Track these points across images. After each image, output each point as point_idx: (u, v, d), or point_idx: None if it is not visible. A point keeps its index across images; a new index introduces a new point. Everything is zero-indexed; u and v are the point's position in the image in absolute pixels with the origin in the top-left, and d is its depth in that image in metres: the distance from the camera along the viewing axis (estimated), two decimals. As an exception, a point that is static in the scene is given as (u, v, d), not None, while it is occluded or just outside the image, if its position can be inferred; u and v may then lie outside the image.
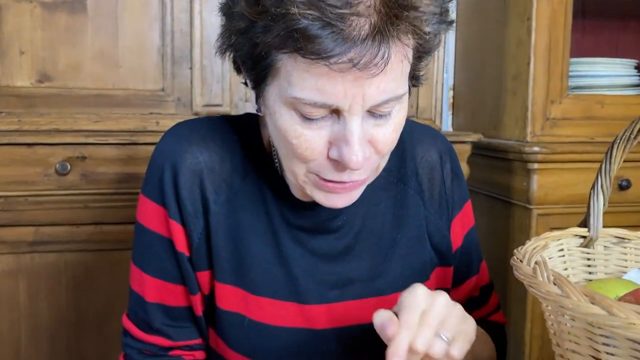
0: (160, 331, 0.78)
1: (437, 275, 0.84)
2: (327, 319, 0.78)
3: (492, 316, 0.92)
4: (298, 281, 0.77)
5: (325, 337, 0.77)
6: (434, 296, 0.63)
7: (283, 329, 0.77)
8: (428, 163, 0.84)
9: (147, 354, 0.79)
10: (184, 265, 0.77)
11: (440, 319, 0.62)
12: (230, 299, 0.77)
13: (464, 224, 0.86)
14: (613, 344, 0.52)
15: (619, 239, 0.75)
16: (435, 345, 0.60)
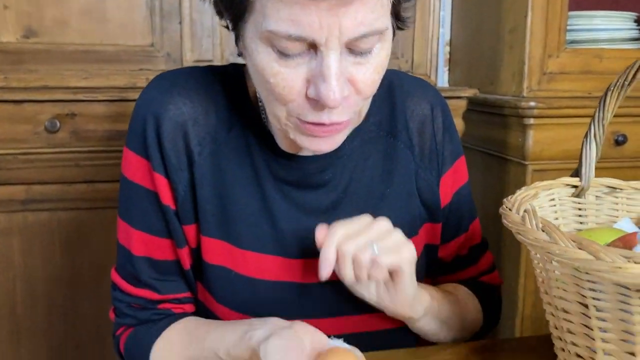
0: (148, 285, 0.78)
1: (426, 231, 0.84)
2: (313, 274, 0.77)
3: (483, 277, 0.91)
4: (284, 235, 0.76)
5: (310, 291, 0.77)
6: (376, 219, 0.69)
7: (268, 282, 0.76)
8: (419, 116, 0.83)
9: (135, 307, 0.78)
10: (170, 219, 0.76)
11: (375, 234, 0.67)
12: (217, 252, 0.76)
13: (454, 181, 0.85)
14: (600, 289, 0.51)
15: (610, 189, 0.74)
16: (364, 252, 0.66)
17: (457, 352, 0.80)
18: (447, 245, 0.87)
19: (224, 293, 0.78)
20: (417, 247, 0.82)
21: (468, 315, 0.84)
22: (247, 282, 0.76)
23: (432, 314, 0.78)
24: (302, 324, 0.66)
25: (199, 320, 0.77)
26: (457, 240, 0.87)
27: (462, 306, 0.83)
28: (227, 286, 0.77)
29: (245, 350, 0.65)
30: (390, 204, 0.79)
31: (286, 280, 0.77)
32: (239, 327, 0.68)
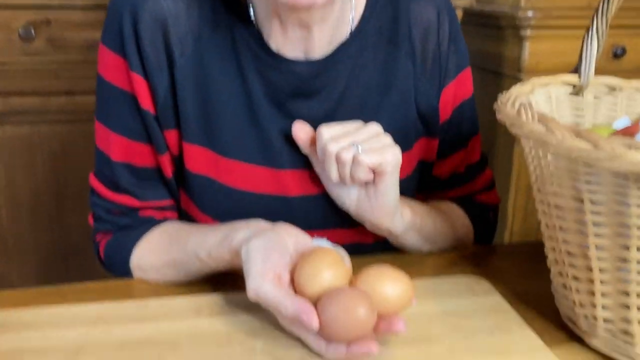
0: (128, 191, 0.75)
1: (421, 146, 0.80)
2: (300, 185, 0.74)
3: (479, 195, 0.88)
4: (272, 145, 0.73)
5: (297, 205, 0.75)
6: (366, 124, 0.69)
7: (254, 194, 0.73)
8: (423, 23, 0.77)
9: (115, 213, 0.76)
10: (150, 124, 0.72)
11: (362, 136, 0.67)
12: (200, 161, 0.73)
13: (456, 94, 0.81)
14: (596, 182, 0.49)
15: (610, 89, 0.70)
16: (347, 151, 0.66)
17: (445, 257, 0.79)
18: (444, 162, 0.83)
19: (207, 203, 0.75)
20: (410, 163, 0.79)
21: (456, 234, 0.82)
22: (231, 194, 0.73)
23: (415, 230, 0.76)
24: (285, 226, 0.63)
25: (180, 224, 0.75)
26: (454, 157, 0.83)
27: (450, 225, 0.81)
28: (211, 197, 0.74)
29: (227, 251, 0.63)
30: (386, 115, 0.75)
31: (272, 193, 0.74)
32: (221, 229, 0.66)
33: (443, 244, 0.80)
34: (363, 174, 0.66)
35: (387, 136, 0.68)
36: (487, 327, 0.61)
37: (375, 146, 0.66)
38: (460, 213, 0.84)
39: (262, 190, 0.74)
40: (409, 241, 0.76)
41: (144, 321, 0.61)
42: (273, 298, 0.54)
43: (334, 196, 0.73)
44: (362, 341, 0.53)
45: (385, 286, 0.55)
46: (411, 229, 0.75)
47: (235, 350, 0.56)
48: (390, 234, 0.74)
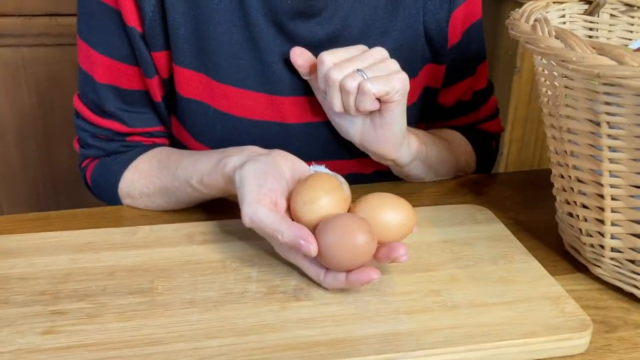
0: (114, 115, 0.71)
1: (427, 73, 0.76)
2: (299, 112, 0.71)
3: (483, 124, 0.85)
4: (270, 69, 0.68)
5: (295, 132, 0.71)
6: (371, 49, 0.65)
7: (251, 121, 0.70)
8: None
9: (101, 139, 0.72)
10: (136, 43, 0.67)
11: (367, 62, 0.63)
12: (192, 85, 0.69)
13: (466, 17, 0.76)
14: (617, 102, 0.45)
15: (628, 7, 0.66)
16: (352, 79, 0.62)
17: (446, 185, 0.77)
18: (450, 89, 0.79)
19: (200, 130, 0.71)
20: (415, 90, 0.75)
21: (459, 163, 0.79)
22: (226, 120, 0.70)
23: (420, 159, 0.73)
24: (282, 152, 0.60)
25: (171, 150, 0.72)
26: (461, 84, 0.80)
27: (453, 153, 0.78)
28: (205, 123, 0.70)
29: (220, 177, 0.60)
30: (392, 39, 0.71)
31: (270, 120, 0.70)
32: (213, 154, 0.63)
33: (446, 173, 0.78)
34: (369, 104, 0.62)
35: (394, 62, 0.64)
36: (490, 256, 0.59)
37: (381, 73, 0.62)
38: (463, 141, 0.81)
39: (259, 117, 0.70)
40: (413, 171, 0.74)
41: (135, 248, 0.59)
42: (269, 224, 0.52)
43: (337, 126, 0.69)
44: (361, 269, 0.50)
45: (385, 213, 0.53)
46: (417, 158, 0.72)
47: (229, 278, 0.54)
48: (395, 164, 0.71)
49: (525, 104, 1.74)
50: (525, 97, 1.72)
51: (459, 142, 0.80)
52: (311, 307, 0.51)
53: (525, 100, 1.73)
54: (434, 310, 0.51)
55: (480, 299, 0.53)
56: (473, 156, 0.81)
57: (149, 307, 0.50)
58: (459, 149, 0.79)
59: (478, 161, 0.82)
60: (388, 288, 0.54)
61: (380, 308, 0.51)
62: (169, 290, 0.53)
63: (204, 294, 0.52)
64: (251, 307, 0.51)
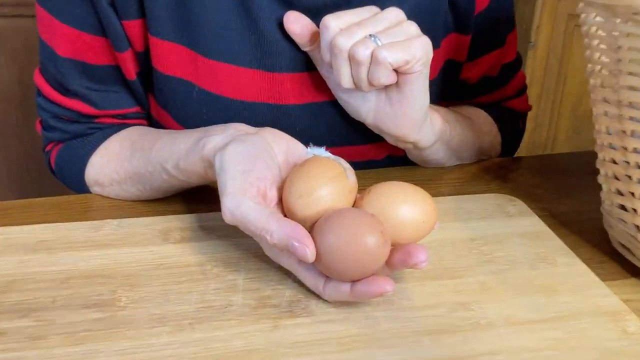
0: (80, 95, 0.60)
1: (450, 43, 0.65)
2: (299, 91, 0.60)
3: (510, 101, 0.74)
4: (266, 40, 0.57)
5: (296, 116, 0.60)
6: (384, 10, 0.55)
7: (243, 103, 0.59)
8: None
9: (65, 120, 0.62)
10: (103, 11, 0.56)
11: (381, 25, 0.53)
12: (173, 60, 0.58)
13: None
14: None
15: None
16: (363, 46, 0.51)
17: (466, 171, 0.67)
18: (476, 62, 0.68)
19: (183, 113, 0.61)
20: (436, 64, 0.64)
21: (482, 145, 0.69)
22: (214, 102, 0.59)
23: (443, 141, 0.62)
24: (274, 130, 0.50)
25: (146, 129, 0.61)
26: (488, 56, 0.69)
27: (477, 133, 0.68)
28: (188, 105, 0.60)
29: (198, 161, 0.49)
30: (409, 5, 0.59)
31: (266, 102, 0.60)
32: (193, 134, 0.52)
33: (468, 156, 0.67)
34: (384, 76, 0.52)
35: (413, 24, 0.53)
36: (527, 258, 0.49)
37: (398, 38, 0.52)
38: (488, 120, 0.70)
39: (253, 98, 0.59)
40: (434, 155, 0.63)
41: (97, 247, 0.49)
42: (255, 221, 0.41)
43: (345, 105, 0.59)
44: (371, 278, 0.40)
45: (400, 207, 0.42)
46: (439, 140, 0.61)
47: (209, 287, 0.44)
48: (415, 147, 0.61)
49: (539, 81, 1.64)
50: (540, 73, 1.61)
51: (483, 120, 0.70)
52: (309, 326, 0.41)
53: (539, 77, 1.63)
54: (464, 329, 0.41)
55: (519, 314, 0.43)
56: (498, 137, 0.71)
57: (108, 326, 0.40)
58: (483, 129, 0.69)
59: (503, 143, 0.72)
60: (405, 300, 0.44)
61: (395, 327, 0.41)
62: (135, 303, 0.43)
63: (177, 307, 0.42)
64: (235, 326, 0.41)
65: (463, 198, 0.58)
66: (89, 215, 0.56)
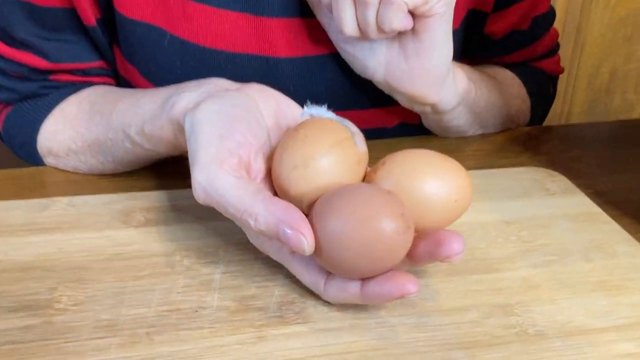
0: (29, 45, 0.50)
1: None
2: (294, 42, 0.50)
3: (539, 62, 0.64)
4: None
5: (288, 71, 0.50)
6: None
7: (225, 54, 0.49)
8: None
9: (14, 77, 0.51)
10: None
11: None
12: (140, 2, 0.48)
13: None
14: None
15: None
16: None
17: (491, 141, 0.57)
18: (503, 14, 0.57)
19: (153, 67, 0.50)
20: (457, 14, 0.53)
21: (510, 110, 0.59)
22: (189, 53, 0.49)
23: (466, 104, 0.52)
24: (260, 86, 0.40)
25: (108, 88, 0.51)
26: (517, 6, 0.57)
27: (504, 96, 0.57)
28: (159, 57, 0.49)
29: (166, 124, 0.39)
30: None
31: (252, 53, 0.49)
32: (161, 92, 0.42)
33: (493, 123, 0.57)
34: (397, 19, 0.41)
35: None
36: (578, 246, 0.39)
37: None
38: (516, 82, 0.60)
39: (237, 49, 0.49)
40: (455, 121, 0.53)
41: (40, 232, 0.39)
42: (235, 200, 0.31)
43: (349, 58, 0.48)
44: (388, 276, 0.30)
45: (426, 182, 0.32)
46: (463, 102, 0.51)
47: (177, 284, 0.34)
48: (434, 111, 0.50)
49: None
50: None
51: (511, 82, 0.60)
52: (306, 336, 0.31)
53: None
54: (508, 341, 0.31)
55: (578, 320, 0.33)
56: (527, 102, 0.61)
57: (39, 337, 0.31)
58: (512, 92, 0.59)
59: (532, 109, 0.62)
60: (428, 302, 0.34)
61: (418, 338, 0.31)
62: (78, 305, 0.33)
63: (132, 311, 0.32)
64: (208, 337, 0.31)
65: (492, 173, 0.48)
66: (39, 192, 0.46)
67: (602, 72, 1.53)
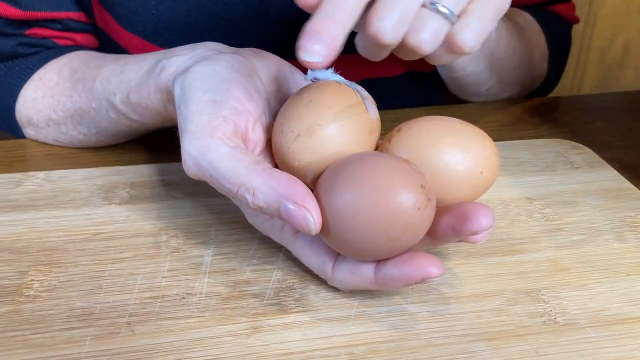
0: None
1: None
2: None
3: (556, 6, 0.58)
4: None
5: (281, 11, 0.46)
6: None
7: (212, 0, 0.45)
8: None
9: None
10: None
11: None
12: None
13: None
14: None
15: None
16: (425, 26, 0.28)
17: (507, 111, 0.52)
18: None
19: (133, 17, 0.46)
20: None
21: (532, 62, 0.53)
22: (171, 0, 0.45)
23: (484, 53, 0.47)
24: (257, 50, 0.35)
25: (92, 53, 0.47)
26: None
27: (527, 44, 0.52)
28: (140, 5, 0.45)
29: (154, 92, 0.35)
30: None
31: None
32: (148, 57, 0.38)
33: (513, 78, 0.52)
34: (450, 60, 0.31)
35: None
36: (608, 225, 0.35)
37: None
38: (536, 28, 0.55)
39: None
40: (471, 76, 0.48)
41: (12, 210, 0.35)
42: (230, 173, 0.27)
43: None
44: (407, 256, 0.27)
45: (448, 151, 0.28)
46: (481, 51, 0.46)
47: (162, 267, 0.31)
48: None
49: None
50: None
51: (531, 29, 0.54)
52: (307, 327, 0.28)
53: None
54: (535, 331, 0.28)
55: (613, 307, 0.29)
56: (546, 52, 0.56)
57: (4, 327, 0.27)
58: (533, 39, 0.53)
59: (550, 61, 0.57)
60: (446, 288, 0.30)
61: (434, 328, 0.28)
62: (50, 291, 0.29)
63: (111, 298, 0.29)
64: (196, 327, 0.27)
65: (510, 145, 0.44)
66: (16, 166, 0.42)
67: (615, 45, 1.48)
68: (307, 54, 0.26)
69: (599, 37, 1.46)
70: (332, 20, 0.27)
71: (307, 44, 0.26)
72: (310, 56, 0.26)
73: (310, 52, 0.26)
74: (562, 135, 0.48)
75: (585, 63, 1.52)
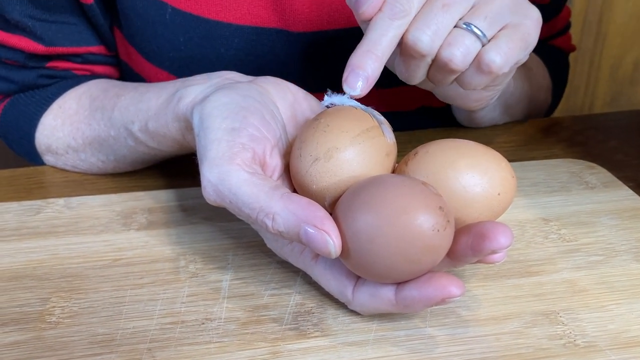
0: (23, 28, 0.46)
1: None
2: (307, 15, 0.46)
3: (555, 40, 0.60)
4: None
5: (305, 46, 0.47)
6: None
7: (232, 27, 0.45)
8: None
9: (9, 65, 0.48)
10: None
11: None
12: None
13: None
14: None
15: None
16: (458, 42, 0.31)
17: (519, 131, 0.53)
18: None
19: (155, 46, 0.47)
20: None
21: (538, 99, 0.55)
22: (194, 27, 0.45)
23: (503, 97, 0.48)
24: (274, 79, 0.36)
25: (111, 82, 0.47)
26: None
27: (535, 87, 0.53)
28: (160, 32, 0.46)
29: (172, 121, 0.36)
30: None
31: (264, 26, 0.46)
32: (167, 86, 0.39)
33: (521, 113, 0.53)
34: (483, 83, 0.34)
35: None
36: (626, 245, 0.35)
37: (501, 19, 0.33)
38: (541, 66, 0.56)
39: (247, 21, 0.45)
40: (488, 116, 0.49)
41: (33, 237, 0.35)
42: (249, 199, 0.28)
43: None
44: (428, 278, 0.27)
45: (465, 173, 0.29)
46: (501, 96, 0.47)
47: (181, 292, 0.31)
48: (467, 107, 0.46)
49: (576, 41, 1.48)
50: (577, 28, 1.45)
51: (540, 72, 0.56)
52: (326, 352, 0.28)
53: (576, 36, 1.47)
54: (555, 354, 0.28)
55: (633, 329, 0.29)
56: (550, 86, 0.57)
57: (28, 355, 0.27)
58: (540, 82, 0.55)
59: (553, 94, 0.58)
60: (463, 310, 0.30)
61: (453, 352, 0.28)
62: (72, 318, 0.29)
63: (132, 324, 0.29)
64: (216, 352, 0.28)
65: (525, 165, 0.44)
66: (35, 193, 0.43)
67: (626, 62, 1.48)
68: (351, 89, 0.31)
69: (609, 55, 1.46)
70: (373, 55, 0.31)
71: (351, 80, 0.31)
72: (353, 91, 0.31)
73: (353, 88, 0.31)
74: (576, 154, 0.48)
75: (596, 80, 1.52)
